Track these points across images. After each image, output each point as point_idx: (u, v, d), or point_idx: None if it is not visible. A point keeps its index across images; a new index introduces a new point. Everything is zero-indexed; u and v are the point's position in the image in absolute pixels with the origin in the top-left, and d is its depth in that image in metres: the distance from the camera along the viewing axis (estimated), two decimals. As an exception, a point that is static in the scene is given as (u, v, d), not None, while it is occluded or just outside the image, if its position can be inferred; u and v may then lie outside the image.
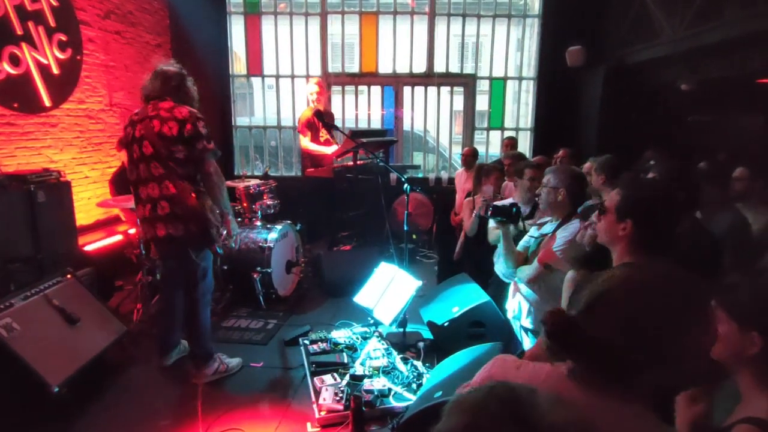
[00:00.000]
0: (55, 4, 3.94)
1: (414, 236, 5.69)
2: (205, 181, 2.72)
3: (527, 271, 2.48)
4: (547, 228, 2.57)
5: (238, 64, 6.82)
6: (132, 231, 3.85)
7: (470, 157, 5.39)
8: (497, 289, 3.06)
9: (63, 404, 2.44)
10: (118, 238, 4.28)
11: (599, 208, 1.65)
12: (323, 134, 5.01)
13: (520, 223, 2.82)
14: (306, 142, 4.93)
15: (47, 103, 3.92)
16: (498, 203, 2.68)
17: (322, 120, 4.47)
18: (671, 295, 0.90)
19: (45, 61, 3.87)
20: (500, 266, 2.65)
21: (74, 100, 4.24)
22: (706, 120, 5.12)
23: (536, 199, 2.63)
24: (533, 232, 2.67)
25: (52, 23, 3.92)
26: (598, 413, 0.85)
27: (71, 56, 4.15)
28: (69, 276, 3.02)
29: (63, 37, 4.04)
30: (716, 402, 1.27)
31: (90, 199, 4.37)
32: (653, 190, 1.61)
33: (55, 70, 3.98)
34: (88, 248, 3.87)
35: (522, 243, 2.66)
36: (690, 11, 4.17)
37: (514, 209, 2.47)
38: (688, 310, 0.90)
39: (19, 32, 3.62)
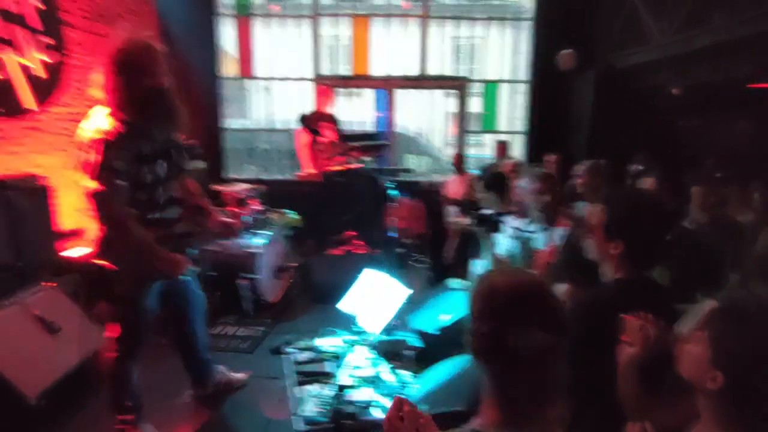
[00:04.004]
0: (40, 7, 3.88)
1: (406, 240, 5.66)
2: None
3: None
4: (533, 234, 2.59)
5: (230, 66, 6.78)
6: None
7: (458, 162, 5.40)
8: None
9: (41, 416, 2.38)
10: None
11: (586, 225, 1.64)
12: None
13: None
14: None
15: (32, 106, 3.86)
16: (484, 213, 2.73)
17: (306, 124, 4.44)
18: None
19: (30, 65, 3.81)
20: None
21: (60, 103, 4.18)
22: (695, 124, 5.13)
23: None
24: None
25: (37, 26, 3.86)
26: None
27: (57, 59, 4.10)
28: (50, 284, 2.97)
29: (49, 41, 3.98)
30: None
31: (76, 204, 4.32)
32: (640, 207, 1.54)
33: (41, 74, 3.92)
34: (71, 255, 3.81)
35: (506, 248, 2.67)
36: (679, 16, 4.17)
37: (492, 218, 2.56)
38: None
39: (3, 36, 3.57)
